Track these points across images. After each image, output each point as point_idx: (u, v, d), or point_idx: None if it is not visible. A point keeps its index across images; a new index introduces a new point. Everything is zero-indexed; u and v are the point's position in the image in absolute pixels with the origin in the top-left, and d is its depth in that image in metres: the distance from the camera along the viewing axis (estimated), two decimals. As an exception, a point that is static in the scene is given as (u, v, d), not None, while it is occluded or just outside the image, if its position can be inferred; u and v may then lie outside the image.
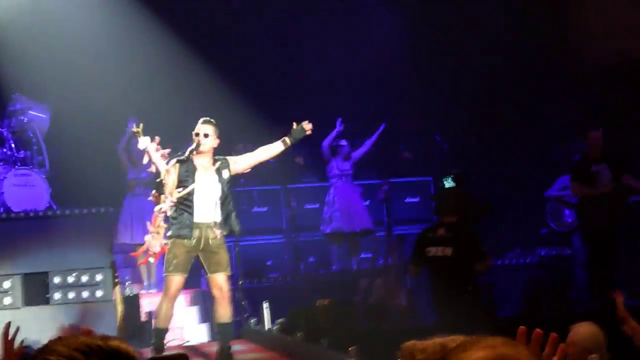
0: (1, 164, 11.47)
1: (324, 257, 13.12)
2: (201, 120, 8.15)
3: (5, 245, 10.32)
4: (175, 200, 7.85)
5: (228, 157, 8.21)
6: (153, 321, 8.07)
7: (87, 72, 13.03)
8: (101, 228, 10.64)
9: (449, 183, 10.06)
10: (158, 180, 7.93)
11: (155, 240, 7.87)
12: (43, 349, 2.07)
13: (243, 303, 10.69)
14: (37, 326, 9.85)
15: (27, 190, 11.10)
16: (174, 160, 7.98)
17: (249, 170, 8.34)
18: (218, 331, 8.32)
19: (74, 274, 10.25)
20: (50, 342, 2.09)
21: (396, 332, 9.61)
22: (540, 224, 13.18)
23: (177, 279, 7.90)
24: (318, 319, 9.30)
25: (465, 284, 8.58)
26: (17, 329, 3.95)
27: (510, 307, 11.28)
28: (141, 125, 7.86)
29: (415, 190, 14.26)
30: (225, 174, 8.06)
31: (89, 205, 10.77)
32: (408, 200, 14.18)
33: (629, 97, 13.85)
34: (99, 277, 10.30)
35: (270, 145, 8.24)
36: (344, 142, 12.85)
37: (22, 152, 11.63)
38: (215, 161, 8.10)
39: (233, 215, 8.14)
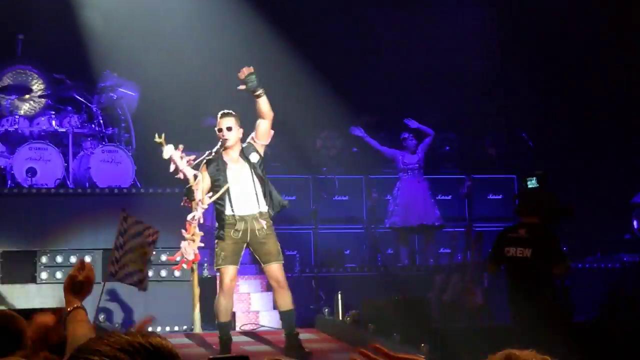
0: (89, 139, 11.70)
1: (398, 250, 13.06)
2: (220, 114, 8.07)
3: (89, 220, 10.53)
4: (206, 207, 7.91)
5: (248, 139, 8.09)
6: (216, 315, 8.09)
7: (177, 52, 13.15)
8: (181, 207, 10.77)
9: (532, 183, 9.91)
10: (187, 186, 7.94)
11: (190, 247, 7.95)
12: (84, 348, 2.01)
13: (319, 293, 10.71)
14: (115, 301, 10.10)
15: (114, 167, 11.29)
16: (203, 163, 8.00)
17: (270, 136, 8.08)
18: (281, 318, 8.34)
19: (154, 252, 10.38)
20: (92, 340, 2.02)
21: (469, 331, 9.56)
22: (624, 229, 12.94)
23: (229, 271, 7.91)
24: (391, 313, 9.26)
25: (542, 286, 8.46)
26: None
27: (587, 313, 11.10)
28: (163, 135, 7.91)
29: (498, 188, 14.11)
30: (254, 158, 8.00)
31: (172, 185, 10.91)
32: (490, 197, 14.04)
33: None
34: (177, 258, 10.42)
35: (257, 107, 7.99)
36: (406, 135, 12.66)
37: (110, 128, 11.83)
38: (241, 149, 8.04)
39: (274, 193, 8.07)
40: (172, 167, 7.99)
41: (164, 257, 10.37)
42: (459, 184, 13.28)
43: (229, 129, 7.97)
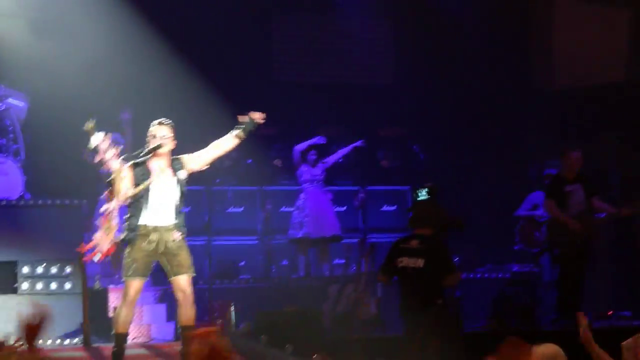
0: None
1: (296, 261, 13.10)
2: (157, 122, 7.91)
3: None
4: (122, 202, 7.71)
5: (182, 156, 7.96)
6: (114, 326, 7.92)
7: (66, 62, 12.91)
8: (73, 220, 10.62)
9: (422, 195, 10.05)
10: (109, 179, 7.71)
11: (105, 238, 7.70)
12: None
13: (213, 304, 10.65)
14: (3, 315, 9.84)
15: (1, 178, 11.03)
16: (130, 162, 7.87)
17: (205, 167, 8.07)
18: (181, 334, 8.15)
19: (43, 265, 10.22)
20: (6, 348, 2.03)
21: (363, 341, 9.63)
22: (513, 240, 13.22)
23: (136, 283, 7.74)
24: (284, 324, 9.27)
25: (434, 296, 8.58)
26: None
27: (477, 322, 11.30)
28: (93, 121, 7.61)
29: (392, 199, 14.26)
30: (182, 175, 7.87)
31: (63, 197, 10.74)
32: (384, 208, 14.18)
33: (594, 119, 14.10)
34: (68, 269, 10.28)
35: (223, 139, 7.97)
36: (313, 153, 12.81)
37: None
38: (171, 161, 7.91)
39: (183, 215, 7.93)
40: (96, 158, 7.65)
41: (54, 270, 10.20)
42: (353, 196, 13.41)
43: (165, 137, 7.81)
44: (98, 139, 7.59)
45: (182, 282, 7.82)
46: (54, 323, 9.54)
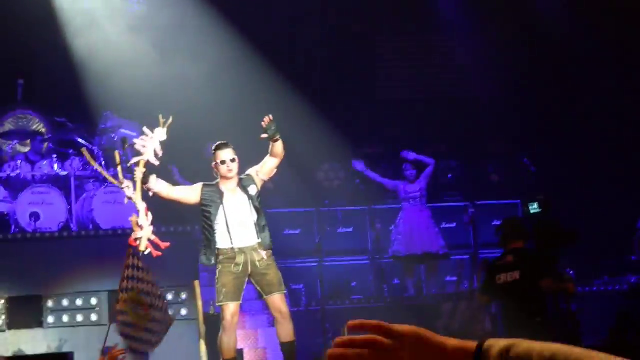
0: (92, 181, 11.72)
1: (404, 281, 13.02)
2: (217, 145, 7.97)
3: (94, 262, 10.52)
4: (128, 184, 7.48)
5: (249, 171, 8.02)
6: (220, 353, 7.99)
7: (177, 92, 13.18)
8: (187, 246, 10.78)
9: (534, 208, 9.88)
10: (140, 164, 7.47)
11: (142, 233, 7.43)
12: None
13: (326, 326, 10.66)
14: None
15: (117, 208, 11.26)
16: (202, 184, 7.92)
17: (273, 174, 8.05)
18: (282, 350, 8.16)
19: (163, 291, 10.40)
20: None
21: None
22: (629, 251, 12.90)
23: (231, 308, 7.81)
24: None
25: (535, 308, 8.40)
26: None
27: (596, 337, 11.04)
28: (170, 119, 7.53)
29: (502, 213, 14.00)
30: (253, 190, 7.91)
31: (176, 224, 10.92)
32: (495, 223, 13.98)
33: None
34: (184, 296, 10.44)
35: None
36: (406, 166, 12.67)
37: (112, 170, 11.83)
38: (239, 180, 7.96)
39: (267, 230, 7.96)
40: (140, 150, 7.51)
41: (169, 297, 10.38)
42: (463, 212, 13.28)
43: (233, 160, 7.91)
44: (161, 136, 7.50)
45: (276, 301, 7.87)
46: (171, 348, 9.76)
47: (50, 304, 10.26)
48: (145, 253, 7.51)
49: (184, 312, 10.44)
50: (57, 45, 13.15)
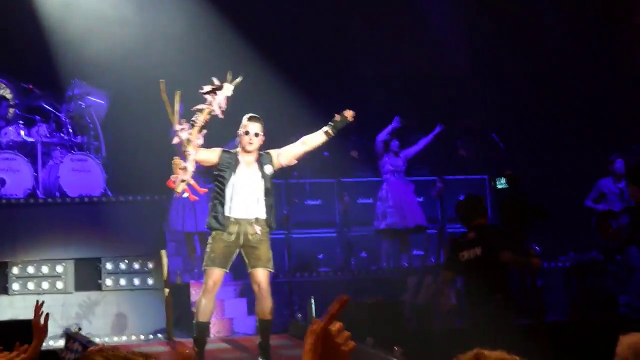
0: (58, 148, 11.62)
1: (375, 252, 13.05)
2: (249, 116, 7.96)
3: (60, 230, 10.46)
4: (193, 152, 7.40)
5: (271, 151, 8.01)
6: (195, 314, 8.00)
7: (145, 59, 13.06)
8: (154, 216, 10.75)
9: (501, 184, 9.93)
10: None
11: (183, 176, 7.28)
12: (82, 357, 2.11)
13: (293, 298, 10.68)
14: (88, 311, 10.02)
15: (83, 176, 11.22)
16: (221, 149, 7.91)
17: (294, 162, 8.15)
18: (258, 326, 8.17)
19: (125, 261, 10.38)
20: (91, 350, 2.09)
21: (444, 332, 9.57)
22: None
23: (215, 273, 7.79)
24: (364, 317, 9.25)
25: (497, 285, 8.42)
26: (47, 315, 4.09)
27: (560, 312, 11.15)
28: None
29: (470, 189, 14.05)
30: (268, 169, 7.91)
31: (143, 193, 10.87)
32: (462, 198, 14.02)
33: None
34: (150, 265, 10.42)
35: (313, 134, 7.99)
36: (395, 143, 12.72)
37: (79, 137, 11.76)
38: (258, 156, 7.96)
39: (273, 210, 7.98)
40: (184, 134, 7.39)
41: (136, 266, 10.36)
42: (431, 186, 13.31)
43: (257, 134, 7.88)
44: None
45: (259, 275, 7.86)
46: (136, 318, 9.75)
47: (15, 270, 10.19)
48: (183, 196, 7.41)
49: (150, 281, 10.42)
50: (25, 10, 12.97)
